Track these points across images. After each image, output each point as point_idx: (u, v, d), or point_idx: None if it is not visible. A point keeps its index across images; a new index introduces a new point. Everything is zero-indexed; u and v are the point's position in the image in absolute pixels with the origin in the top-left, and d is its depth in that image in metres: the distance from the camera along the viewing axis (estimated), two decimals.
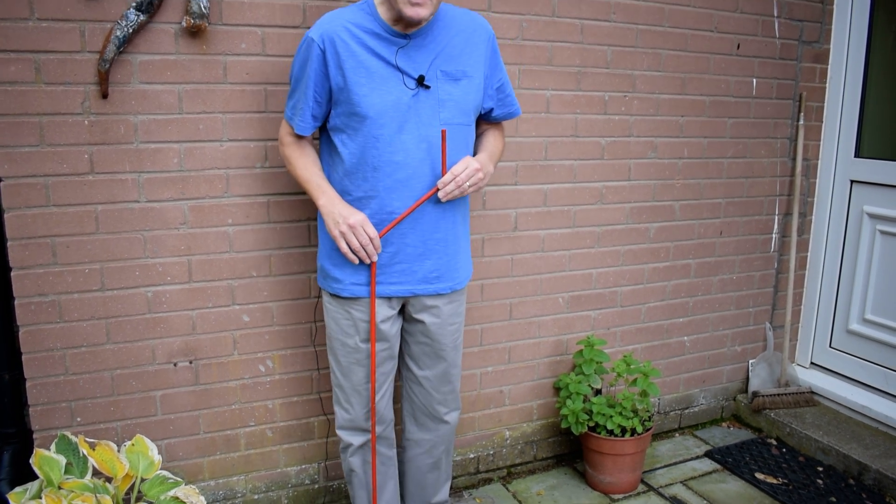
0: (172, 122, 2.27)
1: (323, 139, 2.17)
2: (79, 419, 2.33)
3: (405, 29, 1.98)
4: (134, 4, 2.12)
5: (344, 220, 1.99)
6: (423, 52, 2.01)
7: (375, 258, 2.05)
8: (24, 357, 2.24)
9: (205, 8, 2.19)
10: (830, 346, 3.60)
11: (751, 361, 3.60)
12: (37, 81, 2.10)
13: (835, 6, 3.40)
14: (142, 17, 2.14)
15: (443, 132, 1.98)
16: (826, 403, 3.49)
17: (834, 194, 3.53)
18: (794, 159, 3.46)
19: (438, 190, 2.03)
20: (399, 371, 2.35)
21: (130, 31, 2.13)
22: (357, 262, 2.05)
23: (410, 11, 1.87)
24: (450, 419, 2.37)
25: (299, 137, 2.13)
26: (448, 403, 2.35)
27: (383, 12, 1.98)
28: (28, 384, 2.26)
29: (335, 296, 2.16)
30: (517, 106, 2.30)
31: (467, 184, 2.04)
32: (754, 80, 3.27)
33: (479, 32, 2.12)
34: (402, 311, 2.24)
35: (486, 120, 2.27)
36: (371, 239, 2.01)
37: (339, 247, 2.03)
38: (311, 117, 2.05)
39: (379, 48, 1.97)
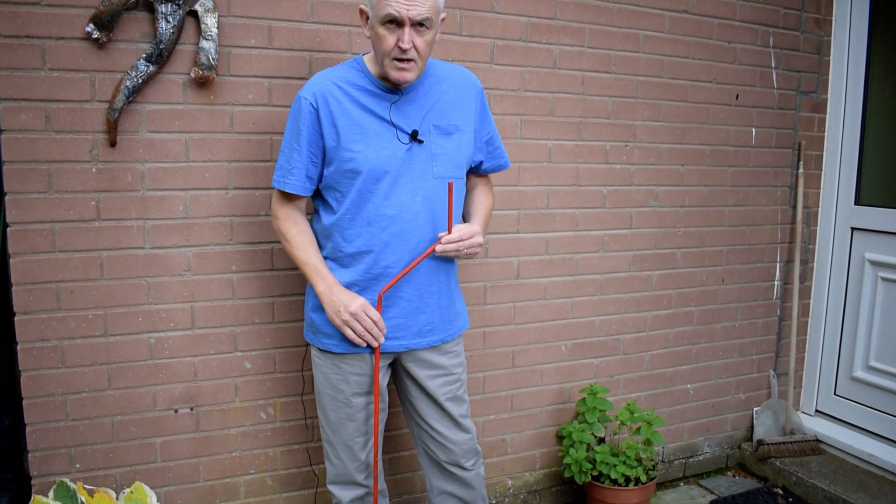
0: (179, 171, 2.31)
1: (314, 200, 2.15)
2: (78, 465, 2.31)
3: (396, 84, 1.99)
4: (144, 55, 2.17)
5: (345, 308, 1.97)
6: (416, 106, 2.03)
7: (382, 340, 2.03)
8: (24, 402, 2.23)
9: (213, 59, 2.24)
10: (835, 394, 3.57)
11: (755, 409, 3.57)
12: (46, 129, 2.14)
13: (831, 57, 3.46)
14: (151, 68, 2.18)
15: (449, 185, 1.99)
16: (832, 451, 3.45)
17: (835, 241, 3.54)
18: (795, 207, 3.48)
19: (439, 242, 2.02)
20: (411, 428, 2.30)
21: (140, 81, 2.18)
22: (364, 345, 2.03)
23: (397, 75, 1.91)
24: (473, 468, 2.26)
25: (292, 204, 2.08)
26: (467, 453, 2.24)
27: (373, 68, 2.00)
28: (28, 429, 2.25)
29: (326, 351, 2.12)
30: (506, 158, 2.31)
31: (465, 251, 2.06)
32: (753, 130, 3.32)
33: (469, 86, 2.14)
34: (392, 364, 2.21)
35: (475, 173, 2.28)
36: (375, 322, 1.99)
37: (345, 334, 2.00)
38: (306, 178, 2.02)
39: (371, 104, 1.99)
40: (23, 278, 2.18)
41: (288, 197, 2.08)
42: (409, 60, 1.89)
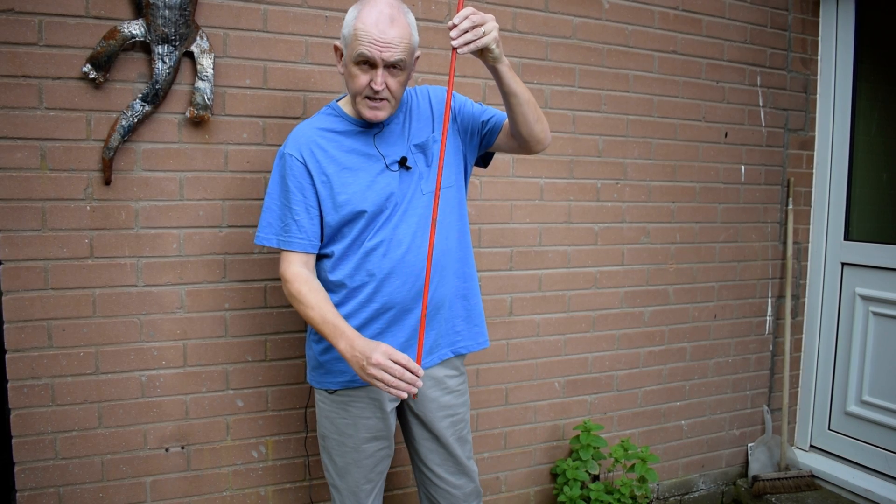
0: (173, 209, 2.32)
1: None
2: None
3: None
4: (140, 95, 2.20)
5: (367, 360, 1.76)
6: (397, 133, 2.01)
7: (420, 384, 1.79)
8: (13, 441, 2.21)
9: (209, 99, 2.27)
10: (829, 429, 3.56)
11: (750, 445, 3.56)
12: (42, 168, 2.15)
13: (818, 95, 3.52)
14: (147, 108, 2.21)
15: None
16: (827, 487, 3.43)
17: (825, 277, 3.56)
18: (785, 243, 3.51)
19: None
20: (415, 473, 2.25)
21: (135, 120, 2.20)
22: (405, 396, 1.83)
23: (369, 114, 1.89)
24: None
25: (300, 263, 1.96)
26: (468, 496, 2.21)
27: (349, 109, 1.99)
28: (17, 469, 2.22)
29: (331, 392, 2.06)
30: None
31: (481, 31, 1.73)
32: (743, 167, 3.36)
33: (436, 91, 2.11)
34: (399, 407, 2.15)
35: (500, 127, 2.09)
36: (405, 366, 1.77)
37: (380, 389, 1.81)
38: (310, 233, 1.95)
39: (356, 145, 1.97)
40: (15, 315, 2.17)
41: (294, 257, 1.98)
42: (381, 100, 1.88)
